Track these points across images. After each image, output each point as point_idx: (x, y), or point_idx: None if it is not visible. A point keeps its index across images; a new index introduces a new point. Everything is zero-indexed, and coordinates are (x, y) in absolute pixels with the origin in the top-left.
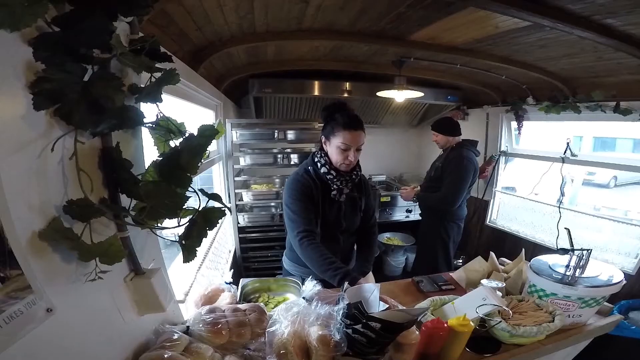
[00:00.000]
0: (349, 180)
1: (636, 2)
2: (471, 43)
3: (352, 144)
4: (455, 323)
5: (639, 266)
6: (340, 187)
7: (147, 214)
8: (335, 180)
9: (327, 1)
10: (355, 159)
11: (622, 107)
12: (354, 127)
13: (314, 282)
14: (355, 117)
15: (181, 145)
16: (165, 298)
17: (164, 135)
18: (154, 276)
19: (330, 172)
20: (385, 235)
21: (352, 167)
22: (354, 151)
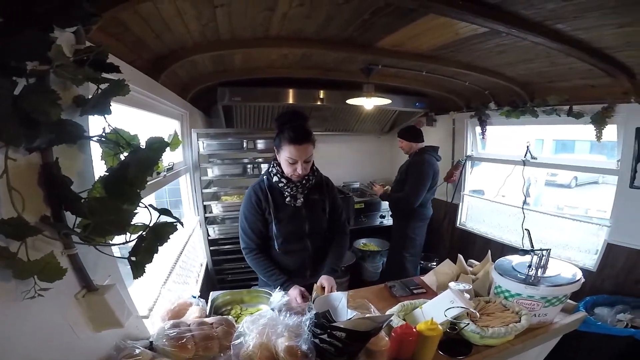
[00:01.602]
0: (300, 186)
1: (583, 7)
2: (435, 50)
3: (298, 157)
4: (423, 327)
5: (598, 262)
6: (292, 193)
7: (92, 231)
8: (286, 188)
9: (293, 9)
10: (305, 171)
11: (575, 110)
12: (299, 142)
13: (282, 293)
14: (301, 130)
15: (128, 159)
16: (122, 314)
17: (113, 149)
18: (108, 292)
19: (281, 181)
20: (361, 241)
21: (306, 175)
22: (301, 164)
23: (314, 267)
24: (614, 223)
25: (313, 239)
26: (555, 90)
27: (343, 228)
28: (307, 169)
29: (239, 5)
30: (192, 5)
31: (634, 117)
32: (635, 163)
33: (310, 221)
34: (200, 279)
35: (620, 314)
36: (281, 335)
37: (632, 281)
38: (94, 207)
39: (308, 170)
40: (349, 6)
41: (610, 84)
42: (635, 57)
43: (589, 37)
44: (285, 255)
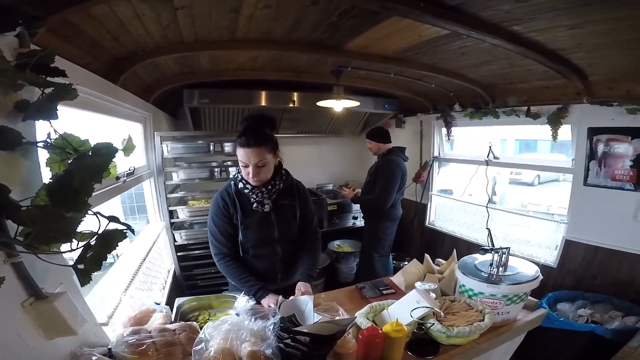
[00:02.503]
0: (266, 192)
1: (536, 8)
2: (401, 52)
3: (247, 161)
4: (389, 329)
5: (558, 259)
6: (258, 199)
7: (34, 239)
8: (251, 194)
9: (259, 11)
10: (260, 176)
11: (533, 111)
12: (247, 145)
13: (247, 298)
14: (253, 133)
15: (72, 166)
16: (75, 321)
17: (60, 155)
18: (58, 300)
19: (246, 187)
20: (336, 242)
21: (266, 180)
22: (253, 168)
23: (285, 271)
24: (570, 220)
25: (283, 244)
26: (515, 91)
27: (315, 234)
28: (261, 174)
29: (202, 8)
30: (150, 8)
31: (586, 117)
32: (588, 161)
33: (280, 227)
34: (168, 286)
35: (581, 309)
36: (245, 341)
37: (590, 276)
38: (35, 216)
39: (264, 175)
40: (316, 8)
41: (565, 85)
42: (586, 58)
43: (543, 38)
44: (255, 260)
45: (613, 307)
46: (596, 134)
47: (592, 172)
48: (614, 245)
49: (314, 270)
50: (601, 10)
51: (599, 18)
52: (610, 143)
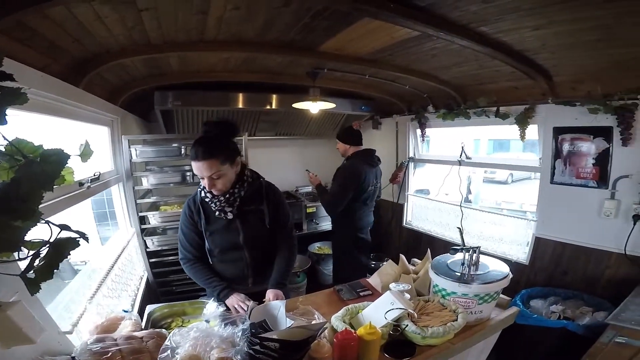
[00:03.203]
0: (224, 201)
1: (502, 9)
2: (374, 53)
3: (200, 174)
4: (363, 332)
5: (530, 256)
6: (218, 207)
7: None
8: (211, 203)
9: (228, 13)
10: (216, 187)
11: (502, 111)
12: (196, 158)
13: (217, 304)
14: (203, 146)
15: (19, 173)
16: (32, 330)
17: (9, 162)
18: (12, 309)
19: (206, 195)
20: (316, 245)
21: (226, 189)
22: (209, 179)
23: (256, 275)
24: (539, 217)
25: (250, 249)
26: (485, 92)
27: (289, 237)
28: (218, 184)
29: (167, 9)
30: (112, 10)
31: (551, 117)
32: (554, 160)
33: (245, 233)
34: (140, 293)
35: (553, 306)
36: (215, 347)
37: (560, 272)
38: None
39: (222, 186)
40: (288, 10)
41: (531, 86)
42: (550, 59)
43: (510, 39)
44: (223, 264)
45: (584, 302)
46: (561, 134)
47: (558, 171)
48: (581, 241)
49: (285, 276)
50: (563, 11)
51: (562, 19)
52: (574, 142)
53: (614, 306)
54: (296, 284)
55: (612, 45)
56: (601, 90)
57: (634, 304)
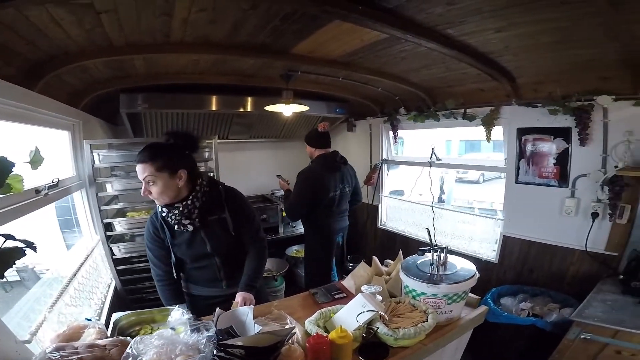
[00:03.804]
0: (178, 214)
1: (465, 11)
2: (346, 56)
3: (139, 176)
4: (334, 336)
5: (499, 254)
6: (173, 222)
7: None
8: (167, 217)
9: (194, 15)
10: (150, 192)
11: (469, 113)
12: (137, 161)
13: (182, 311)
14: (146, 150)
15: None
16: None
17: None
18: None
19: (162, 210)
20: (293, 248)
21: (161, 199)
22: (144, 184)
23: (229, 277)
24: (506, 216)
25: (220, 256)
26: (453, 94)
27: (256, 241)
28: (153, 191)
29: (128, 12)
30: (68, 12)
31: (515, 118)
32: (518, 160)
33: (211, 242)
34: (108, 301)
35: (522, 303)
36: (179, 355)
37: (528, 270)
38: None
39: (156, 194)
40: (257, 12)
41: (496, 88)
42: (513, 61)
43: (474, 41)
44: (196, 270)
45: (551, 299)
46: (524, 134)
47: (522, 170)
48: (545, 239)
49: (255, 279)
50: (523, 13)
51: (521, 21)
52: (536, 142)
53: (579, 302)
54: (274, 287)
55: (569, 47)
56: (560, 92)
57: (596, 300)
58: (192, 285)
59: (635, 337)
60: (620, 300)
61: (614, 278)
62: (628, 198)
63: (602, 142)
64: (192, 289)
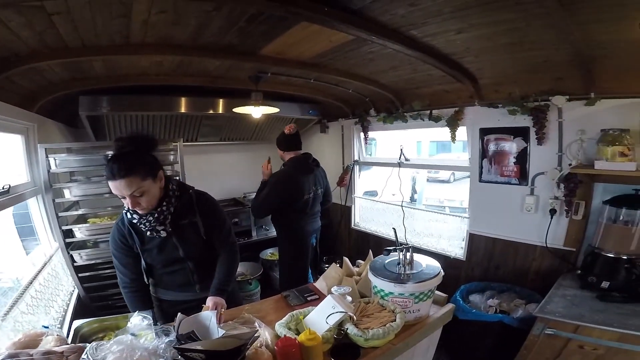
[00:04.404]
0: (153, 220)
1: (426, 12)
2: (315, 57)
3: (120, 193)
4: (303, 338)
5: (466, 251)
6: (147, 228)
7: None
8: (139, 224)
9: (154, 17)
10: (140, 205)
11: (435, 114)
12: (113, 177)
13: (142, 317)
14: (119, 163)
15: None
16: None
17: None
18: None
19: (133, 217)
20: (268, 251)
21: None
22: (130, 199)
23: (203, 281)
24: (471, 214)
25: (192, 260)
26: (420, 96)
27: (227, 245)
28: (142, 203)
29: (82, 13)
30: (16, 13)
31: (478, 119)
32: (481, 159)
33: (183, 247)
34: (70, 309)
35: (490, 300)
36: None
37: (494, 267)
38: None
39: (147, 203)
40: (221, 14)
41: (460, 89)
42: (474, 62)
43: (437, 43)
44: (168, 275)
45: (516, 295)
46: (486, 134)
47: (485, 169)
48: (509, 236)
49: (227, 283)
50: (480, 14)
51: (479, 22)
52: (497, 142)
53: (543, 297)
54: (248, 291)
55: (525, 49)
56: (519, 92)
57: (557, 296)
58: (162, 291)
59: (595, 331)
60: (579, 295)
61: (573, 273)
62: (582, 195)
63: (557, 141)
64: (162, 294)
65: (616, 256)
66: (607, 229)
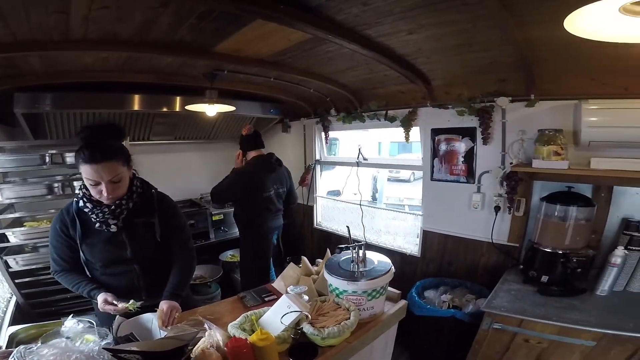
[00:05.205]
0: (108, 212)
1: (379, 12)
2: (274, 56)
3: (98, 178)
4: (255, 338)
5: (420, 248)
6: (100, 219)
7: None
8: (91, 214)
9: (96, 12)
10: (116, 192)
11: (390, 115)
12: (95, 160)
13: (75, 321)
14: (100, 146)
15: None
16: None
17: None
18: None
19: (86, 205)
20: (228, 253)
21: (122, 196)
22: (107, 185)
23: (149, 287)
24: (424, 212)
25: (140, 262)
26: (377, 96)
27: (185, 250)
28: (117, 190)
29: (13, 9)
30: None
31: (429, 119)
32: (433, 159)
33: (133, 247)
34: (8, 316)
35: (443, 295)
36: None
37: (446, 263)
38: None
39: (121, 191)
40: (169, 10)
41: (414, 90)
42: (426, 63)
43: (391, 44)
44: (109, 277)
45: (468, 290)
46: (437, 134)
47: (436, 168)
48: (459, 232)
49: (181, 287)
50: (427, 14)
51: (428, 22)
52: (447, 142)
53: (490, 292)
54: (208, 294)
55: (473, 50)
56: (467, 94)
57: (502, 291)
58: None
59: (538, 325)
60: (522, 290)
61: (516, 268)
62: (523, 192)
63: (501, 141)
64: None
65: (553, 251)
66: (544, 224)
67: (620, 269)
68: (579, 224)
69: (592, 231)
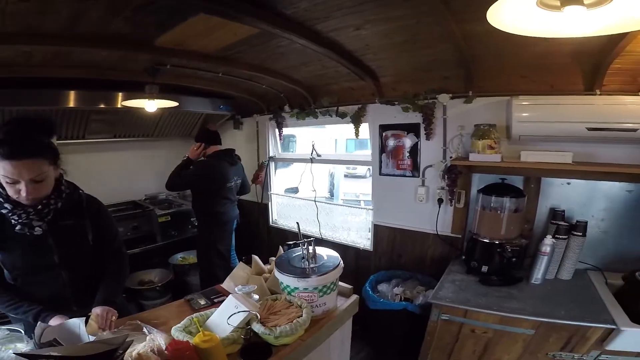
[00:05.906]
0: (34, 213)
1: (328, 7)
2: (221, 50)
3: (17, 177)
4: (198, 341)
5: (372, 242)
6: (22, 221)
7: None
8: (10, 215)
9: (13, 6)
10: (37, 193)
11: (341, 111)
12: (15, 157)
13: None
14: (22, 142)
15: None
16: None
17: None
18: None
19: (4, 206)
20: (178, 256)
21: (44, 197)
22: (28, 185)
23: (80, 298)
24: (374, 206)
25: (69, 269)
26: (330, 92)
27: (117, 255)
28: (41, 190)
29: None
30: None
31: (378, 116)
32: (381, 154)
33: (61, 252)
34: None
35: (395, 288)
36: None
37: (397, 256)
38: None
39: (44, 191)
40: (99, 3)
41: (364, 87)
42: (374, 60)
43: (341, 39)
44: (31, 287)
45: (418, 282)
46: (385, 130)
47: (384, 164)
48: (406, 225)
49: (115, 294)
50: (373, 9)
51: (375, 18)
52: (394, 138)
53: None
54: (157, 300)
55: (418, 47)
56: (412, 90)
57: (447, 282)
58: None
59: (481, 315)
60: (466, 280)
61: (460, 259)
62: (463, 184)
63: (442, 136)
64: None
65: (490, 241)
66: (482, 215)
67: (550, 257)
68: (512, 215)
69: (525, 221)
